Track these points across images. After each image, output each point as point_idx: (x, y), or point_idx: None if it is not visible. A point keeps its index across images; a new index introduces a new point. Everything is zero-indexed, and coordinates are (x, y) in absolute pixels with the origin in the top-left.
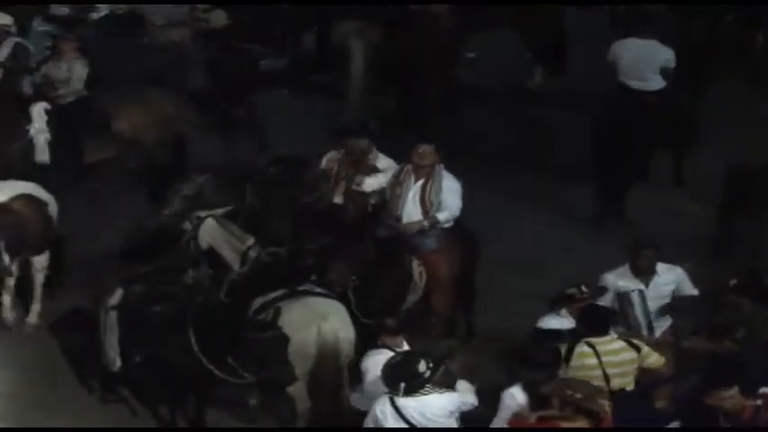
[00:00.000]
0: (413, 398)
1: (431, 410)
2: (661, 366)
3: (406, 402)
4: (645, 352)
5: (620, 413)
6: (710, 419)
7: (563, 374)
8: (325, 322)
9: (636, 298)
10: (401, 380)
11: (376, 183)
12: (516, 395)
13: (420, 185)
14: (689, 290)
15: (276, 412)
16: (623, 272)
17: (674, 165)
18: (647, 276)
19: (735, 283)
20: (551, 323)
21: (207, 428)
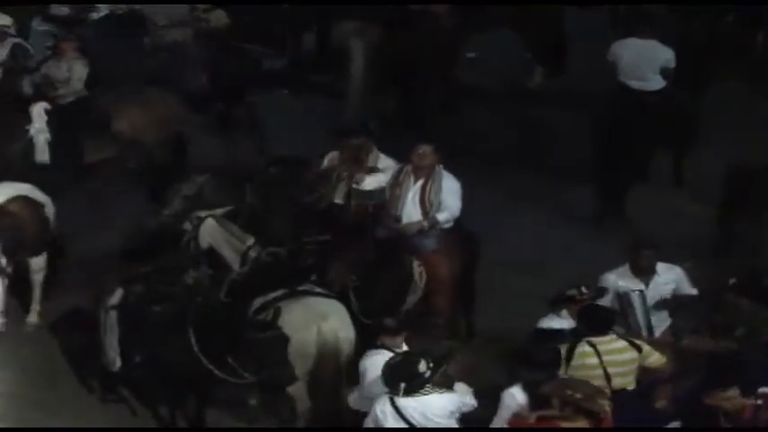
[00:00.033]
0: (413, 398)
1: (431, 410)
2: (662, 366)
3: (406, 402)
4: (646, 351)
5: (620, 413)
6: (710, 419)
7: (565, 374)
8: (325, 322)
9: (636, 298)
10: (401, 380)
11: (375, 181)
12: (516, 395)
13: (420, 186)
14: (687, 289)
15: (276, 412)
16: (623, 272)
17: (674, 165)
18: (647, 276)
19: (734, 282)
20: (552, 324)
21: (207, 428)
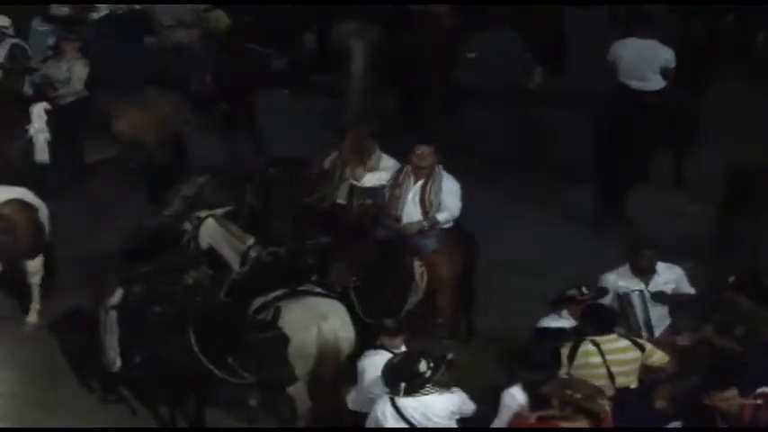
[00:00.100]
0: (413, 398)
1: (432, 410)
2: (665, 365)
3: (406, 403)
4: (649, 350)
5: (619, 413)
6: (710, 419)
7: (568, 373)
8: (326, 322)
9: (636, 299)
10: (402, 380)
11: (375, 179)
12: (516, 395)
13: (420, 186)
14: (686, 289)
15: (276, 412)
16: (623, 272)
17: (674, 165)
18: (647, 276)
19: (733, 279)
20: (552, 324)
21: (207, 428)
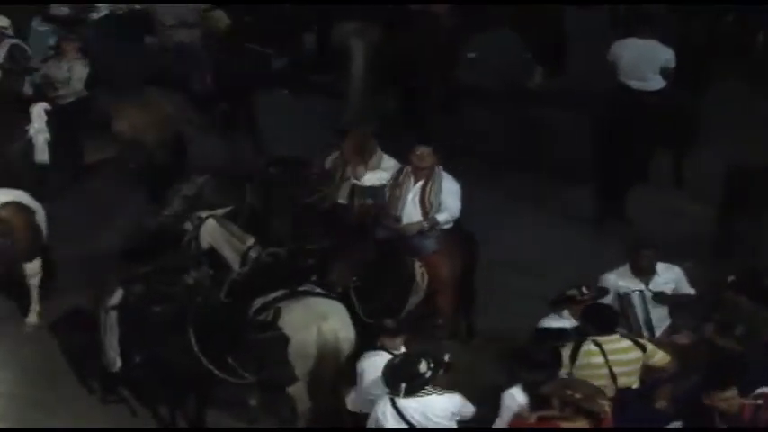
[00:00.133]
0: (414, 398)
1: (432, 411)
2: (667, 365)
3: (406, 403)
4: (650, 350)
5: (620, 413)
6: (710, 419)
7: (570, 373)
8: (326, 322)
9: (636, 299)
10: (402, 380)
11: (376, 178)
12: (516, 396)
13: (420, 187)
14: (686, 289)
15: (276, 412)
16: (623, 272)
17: (674, 165)
18: (647, 276)
19: (733, 280)
20: (553, 324)
21: (207, 428)
